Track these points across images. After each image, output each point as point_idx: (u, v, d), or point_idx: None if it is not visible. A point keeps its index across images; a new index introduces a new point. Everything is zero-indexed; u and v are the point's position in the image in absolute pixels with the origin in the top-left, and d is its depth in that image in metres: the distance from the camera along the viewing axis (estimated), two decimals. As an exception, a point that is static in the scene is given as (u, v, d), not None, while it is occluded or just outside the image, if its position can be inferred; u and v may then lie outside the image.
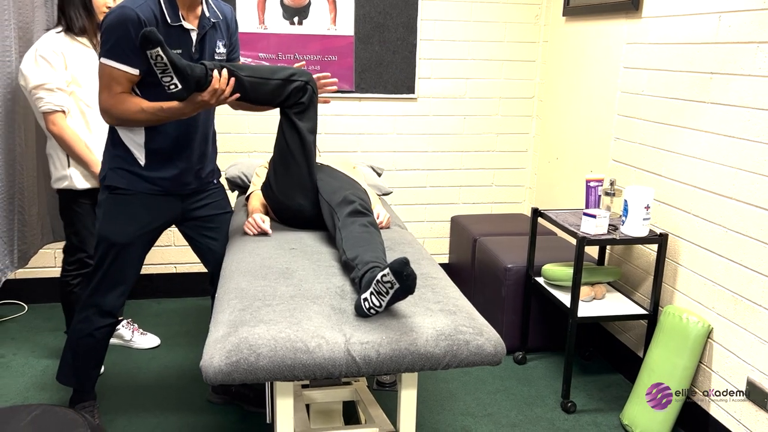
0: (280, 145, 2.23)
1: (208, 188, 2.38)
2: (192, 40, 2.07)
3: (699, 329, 2.36)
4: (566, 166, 3.49)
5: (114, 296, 2.28)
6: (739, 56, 2.23)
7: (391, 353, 1.54)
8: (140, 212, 2.19)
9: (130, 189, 2.16)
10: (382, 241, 1.96)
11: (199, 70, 1.94)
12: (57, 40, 2.53)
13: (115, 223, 2.18)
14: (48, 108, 2.50)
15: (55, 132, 2.54)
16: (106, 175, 2.18)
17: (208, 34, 2.10)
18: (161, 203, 2.23)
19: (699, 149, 2.44)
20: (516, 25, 3.70)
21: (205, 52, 2.11)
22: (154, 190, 2.19)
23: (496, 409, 2.66)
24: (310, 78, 2.16)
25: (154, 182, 2.18)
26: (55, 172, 2.65)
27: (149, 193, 2.19)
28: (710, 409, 2.40)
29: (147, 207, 2.20)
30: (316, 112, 2.23)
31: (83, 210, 2.68)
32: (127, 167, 2.14)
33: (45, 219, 3.07)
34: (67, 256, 2.78)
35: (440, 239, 3.95)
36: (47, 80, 2.48)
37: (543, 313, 3.07)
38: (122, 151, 2.14)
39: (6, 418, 1.63)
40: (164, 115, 2.00)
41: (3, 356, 2.98)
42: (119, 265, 2.23)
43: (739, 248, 2.24)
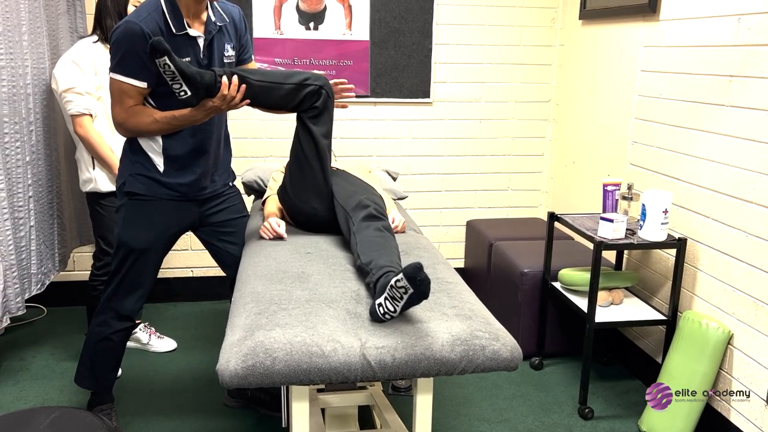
0: (295, 149, 2.25)
1: (225, 192, 2.40)
2: (199, 46, 2.09)
3: (719, 335, 2.33)
4: (583, 170, 3.46)
5: (132, 300, 2.30)
6: (758, 58, 2.20)
7: (407, 358, 1.54)
8: (159, 218, 2.22)
9: (149, 195, 2.19)
10: (397, 246, 1.96)
11: (208, 77, 1.96)
12: (90, 48, 2.64)
13: (134, 228, 2.21)
14: (76, 111, 2.59)
15: (82, 134, 2.62)
16: (126, 181, 2.20)
17: (215, 38, 2.13)
18: (180, 208, 2.26)
19: (718, 153, 2.41)
20: (532, 28, 3.69)
21: (213, 56, 2.13)
22: (173, 196, 2.22)
23: (513, 414, 2.64)
24: (325, 82, 2.17)
25: (172, 188, 2.20)
26: (82, 176, 2.76)
27: (168, 198, 2.21)
28: (730, 416, 2.36)
29: (166, 212, 2.23)
30: (331, 117, 2.23)
31: (107, 212, 2.75)
32: (147, 173, 2.17)
33: (73, 222, 3.12)
34: (96, 261, 2.84)
35: (456, 244, 3.94)
36: (76, 84, 2.58)
37: (560, 318, 3.04)
38: (142, 158, 2.17)
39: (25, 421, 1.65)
40: (177, 123, 2.04)
41: (23, 359, 3.02)
42: (137, 269, 2.25)
43: (760, 253, 2.21)
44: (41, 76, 2.67)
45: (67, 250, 2.98)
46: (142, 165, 2.17)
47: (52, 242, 2.80)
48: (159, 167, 2.17)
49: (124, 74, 2.00)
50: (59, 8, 2.91)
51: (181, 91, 1.96)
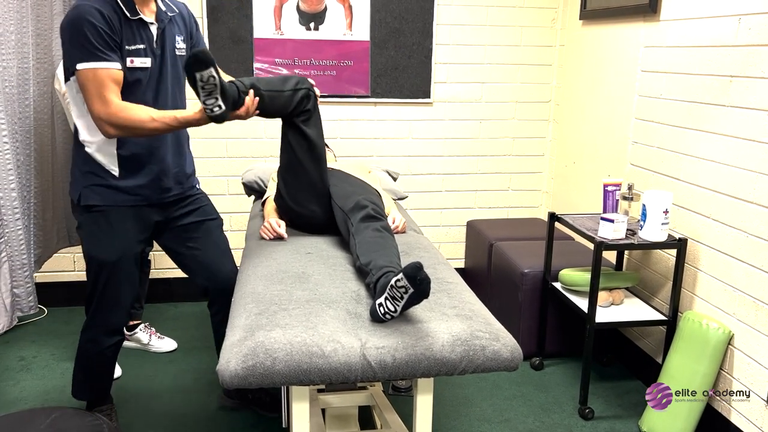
0: (287, 155, 2.23)
1: (192, 195, 2.30)
2: (153, 34, 2.02)
3: (719, 335, 2.33)
4: (583, 170, 3.46)
5: (117, 315, 2.23)
6: (759, 59, 2.20)
7: (407, 358, 1.54)
8: (122, 226, 2.11)
9: (109, 204, 2.09)
10: (396, 246, 1.96)
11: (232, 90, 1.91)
12: None
13: (99, 241, 2.11)
14: None
15: None
16: (81, 195, 2.09)
17: (167, 28, 2.07)
18: (142, 214, 2.15)
19: (718, 153, 2.41)
20: (532, 29, 3.69)
21: (166, 47, 2.06)
22: (134, 201, 2.11)
23: (513, 415, 2.64)
24: (311, 84, 2.18)
25: (131, 191, 2.10)
26: None
27: (128, 205, 2.11)
28: (730, 416, 2.36)
29: (128, 220, 2.12)
30: (320, 118, 2.23)
31: None
32: (101, 182, 2.07)
33: (61, 223, 3.11)
34: None
35: (456, 244, 3.94)
36: None
37: (560, 318, 3.04)
38: (94, 166, 2.06)
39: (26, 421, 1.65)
40: (177, 126, 1.94)
41: (23, 359, 3.02)
42: (114, 283, 2.16)
43: (760, 253, 2.21)
44: (24, 76, 2.66)
45: (45, 251, 2.97)
46: (94, 174, 2.06)
47: (28, 243, 2.79)
48: (113, 172, 2.07)
49: (95, 60, 1.86)
50: (54, 8, 2.90)
51: (216, 106, 1.85)
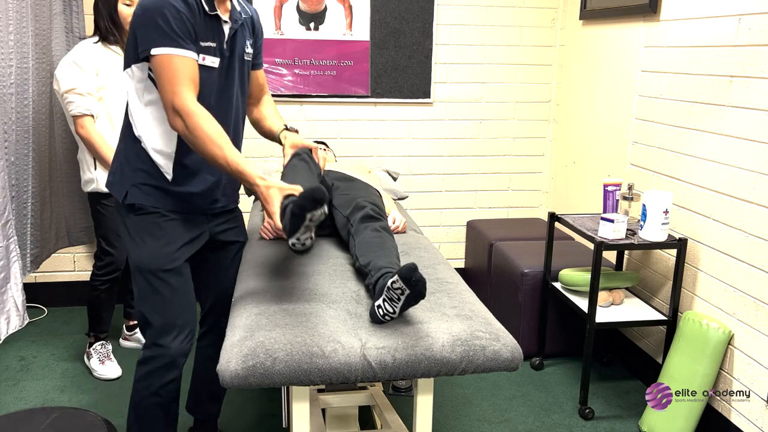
0: None
1: (233, 210, 2.13)
2: (225, 34, 1.84)
3: (719, 335, 2.33)
4: (583, 170, 3.46)
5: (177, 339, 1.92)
6: (759, 59, 2.20)
7: (407, 358, 1.54)
8: (174, 230, 1.89)
9: (158, 207, 1.88)
10: (396, 246, 1.96)
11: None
12: (91, 48, 2.63)
13: (148, 246, 1.88)
14: (77, 111, 2.59)
15: (83, 135, 2.62)
16: (129, 193, 1.87)
17: (239, 29, 1.90)
18: (191, 221, 1.95)
19: (718, 153, 2.41)
20: (532, 29, 3.69)
21: (235, 50, 1.89)
22: (183, 208, 1.91)
23: (513, 415, 2.64)
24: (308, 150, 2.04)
25: (183, 198, 1.90)
26: (83, 176, 2.76)
27: (177, 211, 1.90)
28: (730, 416, 2.36)
29: (179, 224, 1.91)
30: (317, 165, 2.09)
31: (108, 212, 2.75)
32: (155, 183, 1.86)
33: (60, 223, 3.11)
34: (97, 261, 2.85)
35: (456, 244, 3.94)
36: (77, 85, 2.58)
37: (560, 318, 3.04)
38: (148, 165, 1.86)
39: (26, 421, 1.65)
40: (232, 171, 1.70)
41: (23, 359, 3.02)
42: (171, 295, 1.90)
43: (760, 253, 2.21)
44: (23, 76, 2.66)
45: (43, 251, 2.97)
46: (146, 173, 1.86)
47: (24, 243, 2.80)
48: (167, 175, 1.86)
49: (175, 46, 1.68)
50: (54, 8, 2.90)
51: (307, 239, 1.63)
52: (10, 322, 2.39)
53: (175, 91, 1.68)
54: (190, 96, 1.70)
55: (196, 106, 1.69)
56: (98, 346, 2.92)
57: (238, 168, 1.68)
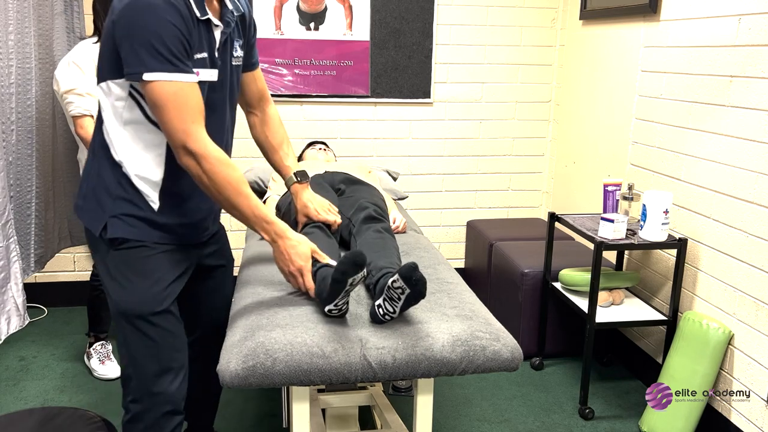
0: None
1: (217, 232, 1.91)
2: (216, 40, 1.59)
3: (719, 335, 2.33)
4: (584, 170, 3.46)
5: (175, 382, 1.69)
6: (759, 59, 2.20)
7: (407, 358, 1.54)
8: (161, 265, 1.65)
9: (143, 240, 1.62)
10: (397, 246, 1.96)
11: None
12: (90, 49, 2.63)
13: (135, 287, 1.63)
14: (77, 112, 2.59)
15: (83, 135, 2.62)
16: (108, 225, 1.60)
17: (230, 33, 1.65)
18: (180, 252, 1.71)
19: (718, 153, 2.41)
20: (532, 29, 3.69)
21: (226, 59, 1.65)
22: (171, 240, 1.67)
23: (513, 415, 2.64)
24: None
25: (171, 230, 1.66)
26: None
27: (165, 242, 1.66)
28: (731, 416, 2.36)
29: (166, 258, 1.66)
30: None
31: None
32: (139, 213, 1.61)
33: (63, 223, 3.11)
34: None
35: (456, 244, 3.94)
36: (77, 85, 2.57)
37: (560, 318, 3.04)
38: (131, 193, 1.60)
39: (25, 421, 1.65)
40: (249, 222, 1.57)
41: (23, 359, 3.02)
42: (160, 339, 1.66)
43: (761, 253, 2.21)
44: (26, 76, 2.67)
45: (47, 251, 2.97)
46: (129, 203, 1.60)
47: (28, 243, 2.80)
48: (153, 204, 1.61)
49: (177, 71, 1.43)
50: (56, 8, 2.90)
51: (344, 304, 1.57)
52: (11, 322, 2.39)
53: (188, 130, 1.45)
54: (204, 134, 1.48)
55: (213, 147, 1.49)
56: (98, 346, 2.92)
57: (266, 219, 1.55)
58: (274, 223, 1.57)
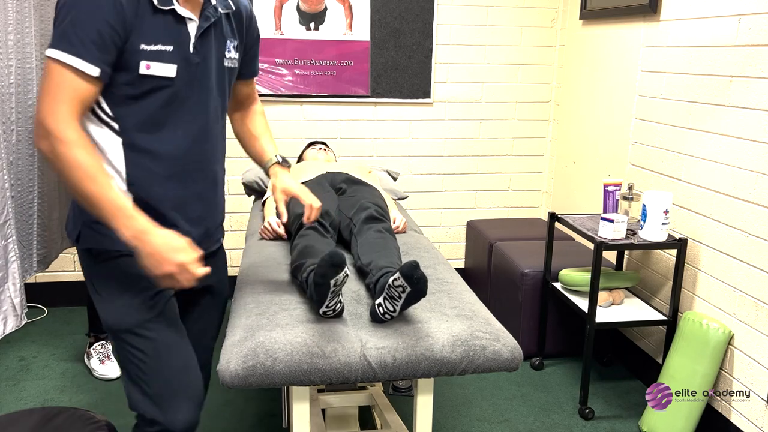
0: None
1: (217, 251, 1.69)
2: (189, 34, 1.44)
3: (719, 335, 2.33)
4: (584, 170, 3.46)
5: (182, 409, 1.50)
6: (759, 59, 2.20)
7: (407, 358, 1.54)
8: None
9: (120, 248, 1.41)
10: (398, 246, 1.96)
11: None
12: None
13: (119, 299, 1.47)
14: None
15: None
16: (81, 235, 1.47)
17: (212, 28, 1.49)
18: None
19: (719, 153, 2.41)
20: (532, 29, 3.69)
21: (210, 56, 1.49)
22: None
23: (513, 415, 2.64)
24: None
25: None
26: None
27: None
28: (731, 416, 2.36)
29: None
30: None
31: None
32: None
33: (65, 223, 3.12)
34: None
35: (456, 244, 3.94)
36: None
37: (560, 318, 3.04)
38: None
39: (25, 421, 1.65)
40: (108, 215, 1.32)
41: (23, 359, 3.02)
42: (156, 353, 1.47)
43: (761, 253, 2.21)
44: (26, 76, 2.66)
45: (50, 251, 2.97)
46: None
47: (30, 243, 2.80)
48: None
49: (71, 52, 1.30)
50: None
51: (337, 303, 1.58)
52: (7, 322, 2.39)
53: (55, 110, 1.30)
54: (72, 122, 1.31)
55: (74, 132, 1.31)
56: (98, 346, 2.92)
57: (126, 212, 1.31)
58: (135, 218, 1.31)
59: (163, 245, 1.32)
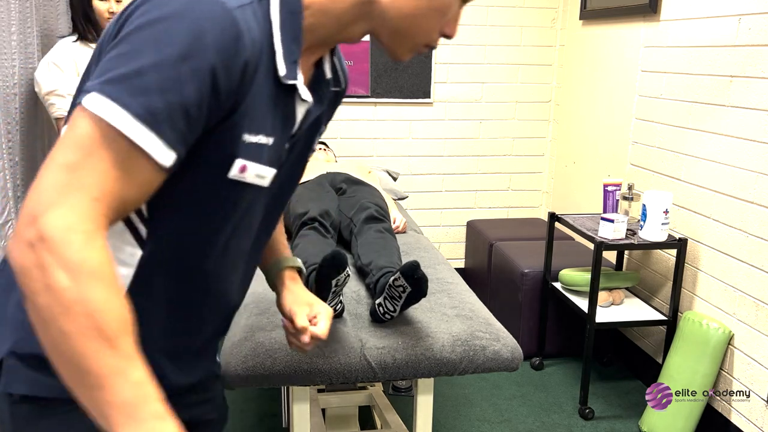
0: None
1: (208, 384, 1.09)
2: (296, 120, 0.89)
3: (719, 335, 2.33)
4: (583, 170, 3.46)
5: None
6: (759, 59, 2.20)
7: (407, 358, 1.54)
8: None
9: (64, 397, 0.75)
10: (398, 246, 1.96)
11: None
12: (70, 48, 2.55)
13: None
14: (60, 113, 2.52)
15: None
16: (4, 368, 0.86)
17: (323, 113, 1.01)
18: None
19: (718, 153, 2.41)
20: (532, 29, 3.69)
21: (304, 149, 0.99)
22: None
23: (513, 415, 2.64)
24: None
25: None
26: None
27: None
28: (731, 416, 2.36)
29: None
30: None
31: None
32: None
33: None
34: None
35: (456, 244, 3.94)
36: (58, 86, 2.50)
37: (560, 318, 3.04)
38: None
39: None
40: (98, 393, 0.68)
41: (23, 359, 3.02)
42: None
43: (760, 253, 2.21)
44: (29, 77, 2.67)
45: None
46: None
47: None
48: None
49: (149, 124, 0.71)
50: (59, 9, 2.91)
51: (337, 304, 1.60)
52: None
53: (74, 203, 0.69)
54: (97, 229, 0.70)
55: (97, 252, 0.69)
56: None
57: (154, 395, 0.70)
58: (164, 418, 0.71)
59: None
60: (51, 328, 0.68)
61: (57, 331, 0.67)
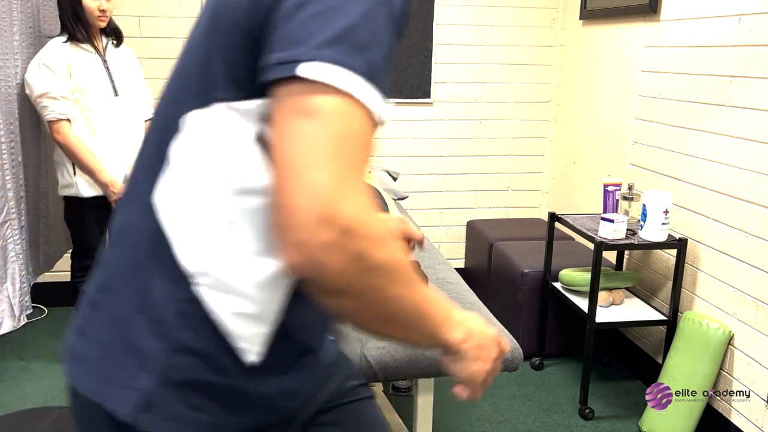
0: None
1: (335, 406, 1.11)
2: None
3: (719, 335, 2.33)
4: (583, 170, 3.46)
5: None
6: (759, 59, 2.20)
7: (407, 358, 1.54)
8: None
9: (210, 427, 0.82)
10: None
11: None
12: (60, 49, 2.48)
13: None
14: (52, 117, 2.46)
15: (60, 141, 2.49)
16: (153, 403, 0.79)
17: None
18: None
19: (719, 153, 2.41)
20: (532, 29, 3.69)
21: None
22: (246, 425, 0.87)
23: (513, 415, 2.64)
24: None
25: (258, 404, 0.87)
26: (62, 180, 2.63)
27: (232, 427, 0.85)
28: (731, 416, 2.36)
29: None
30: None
31: (88, 218, 2.64)
32: (210, 378, 0.81)
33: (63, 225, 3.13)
34: (75, 262, 2.79)
35: (456, 244, 3.94)
36: (50, 89, 2.44)
37: (560, 318, 3.04)
38: (206, 337, 0.80)
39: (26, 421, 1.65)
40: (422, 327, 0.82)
41: (23, 359, 3.02)
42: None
43: (761, 253, 2.21)
44: None
45: (54, 251, 2.97)
46: (200, 358, 0.80)
47: (37, 243, 2.80)
48: (248, 355, 0.82)
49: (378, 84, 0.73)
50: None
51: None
52: (3, 323, 2.39)
53: (350, 186, 0.68)
54: (370, 200, 0.71)
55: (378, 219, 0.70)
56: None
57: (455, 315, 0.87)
58: (455, 306, 0.88)
59: (481, 327, 0.92)
60: (386, 303, 0.73)
61: (391, 300, 0.73)
